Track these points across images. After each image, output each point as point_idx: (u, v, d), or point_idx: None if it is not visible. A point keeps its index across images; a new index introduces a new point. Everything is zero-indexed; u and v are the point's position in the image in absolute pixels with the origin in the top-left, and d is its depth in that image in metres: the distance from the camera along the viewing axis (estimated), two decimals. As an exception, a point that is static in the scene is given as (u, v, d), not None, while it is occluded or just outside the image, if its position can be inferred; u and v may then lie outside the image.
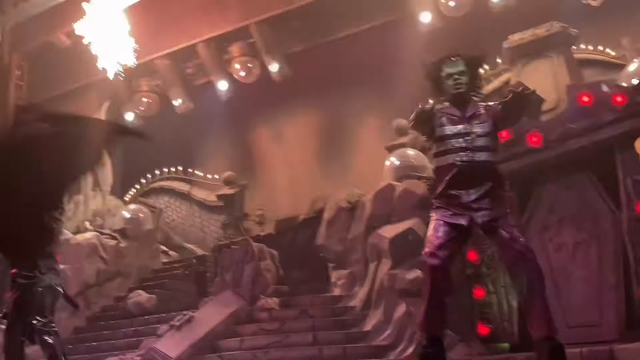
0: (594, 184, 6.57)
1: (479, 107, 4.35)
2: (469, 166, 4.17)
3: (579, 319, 6.43)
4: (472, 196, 4.16)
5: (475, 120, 4.27)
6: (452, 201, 4.21)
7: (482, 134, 4.24)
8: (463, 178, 4.19)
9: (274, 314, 9.29)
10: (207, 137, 14.78)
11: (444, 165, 4.26)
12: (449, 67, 4.33)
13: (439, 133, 4.29)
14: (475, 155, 4.20)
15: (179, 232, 14.61)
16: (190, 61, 14.25)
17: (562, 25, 8.00)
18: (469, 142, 4.21)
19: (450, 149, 4.24)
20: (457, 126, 4.26)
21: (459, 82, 4.29)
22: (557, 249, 6.68)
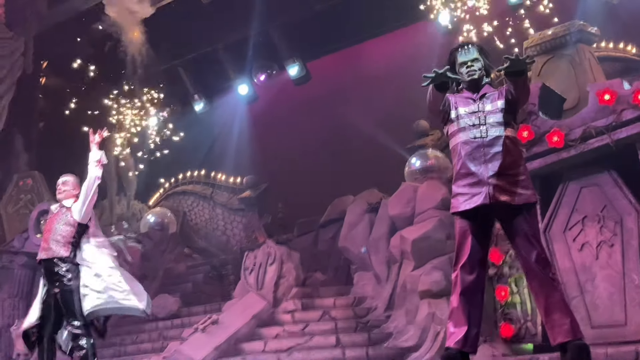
0: (616, 183, 6.51)
1: (493, 89, 4.40)
2: (483, 142, 4.20)
3: (604, 319, 6.37)
4: (489, 172, 4.14)
5: (487, 98, 4.31)
6: (469, 180, 4.19)
7: (494, 111, 4.26)
8: (479, 154, 4.19)
9: (297, 316, 9.34)
10: (229, 141, 14.90)
11: (459, 143, 4.29)
12: (462, 55, 4.41)
13: (453, 114, 4.34)
14: (489, 131, 4.21)
15: (202, 235, 14.74)
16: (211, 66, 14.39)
17: (582, 24, 7.95)
18: (482, 119, 4.25)
19: (464, 127, 4.28)
20: (470, 106, 4.31)
21: (473, 69, 4.37)
22: (581, 248, 6.63)
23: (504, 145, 4.19)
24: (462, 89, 4.44)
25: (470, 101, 4.33)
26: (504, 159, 4.16)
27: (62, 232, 5.73)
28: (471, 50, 4.41)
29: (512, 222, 4.19)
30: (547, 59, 7.90)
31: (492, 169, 4.14)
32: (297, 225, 12.89)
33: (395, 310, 8.63)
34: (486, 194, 4.12)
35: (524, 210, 4.18)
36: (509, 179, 4.15)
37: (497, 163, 4.15)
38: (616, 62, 9.64)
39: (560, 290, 4.16)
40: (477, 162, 4.18)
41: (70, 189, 5.94)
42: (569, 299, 6.53)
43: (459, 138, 4.29)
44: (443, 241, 8.22)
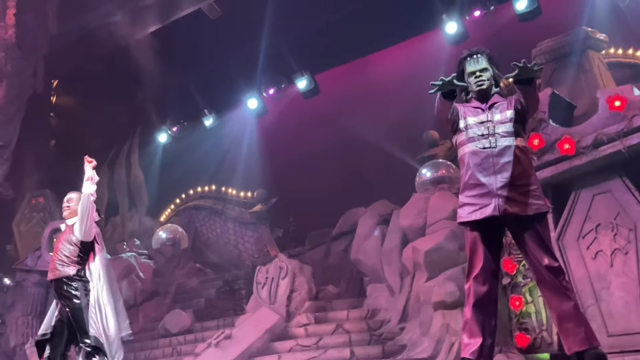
0: (629, 189, 6.46)
1: (503, 99, 4.37)
2: (492, 152, 4.15)
3: (620, 327, 6.31)
4: (498, 183, 4.10)
5: (496, 108, 4.28)
6: (478, 191, 4.16)
7: (504, 120, 4.22)
8: (488, 164, 4.15)
9: (310, 329, 9.30)
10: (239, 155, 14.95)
11: (467, 153, 4.26)
12: (471, 65, 4.38)
13: (462, 124, 4.31)
14: (499, 141, 4.17)
15: (214, 249, 14.75)
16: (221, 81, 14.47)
17: (590, 30, 7.94)
18: (490, 129, 4.21)
19: (473, 137, 4.24)
20: (478, 116, 4.28)
21: (481, 79, 4.34)
22: (595, 256, 6.57)
23: (514, 155, 4.14)
24: (470, 98, 4.41)
25: (479, 111, 4.29)
26: (513, 170, 4.11)
27: (67, 252, 5.76)
28: (480, 59, 4.37)
29: (523, 233, 4.16)
30: (555, 66, 7.88)
31: (502, 179, 4.10)
32: (309, 238, 12.87)
33: (409, 322, 8.58)
34: (495, 206, 4.08)
35: (535, 220, 4.14)
36: (519, 190, 4.11)
37: (506, 174, 4.11)
38: (626, 68, 9.59)
39: (573, 298, 4.11)
40: (486, 172, 4.14)
41: (74, 206, 5.96)
42: (584, 307, 6.47)
43: (468, 148, 4.25)
44: (456, 252, 8.17)
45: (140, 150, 15.41)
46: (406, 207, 9.53)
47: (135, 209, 14.92)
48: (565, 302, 4.05)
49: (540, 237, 4.13)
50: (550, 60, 7.93)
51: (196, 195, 15.49)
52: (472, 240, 4.19)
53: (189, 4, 12.42)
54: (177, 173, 14.90)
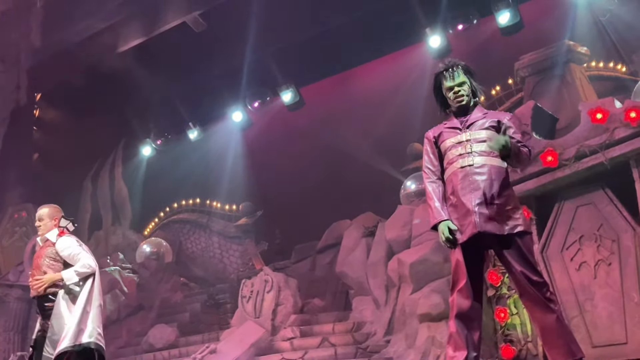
0: (612, 201, 6.52)
1: (480, 114, 4.34)
2: (469, 171, 4.15)
3: (605, 338, 6.34)
4: (476, 200, 4.09)
5: (476, 126, 4.26)
6: (460, 211, 4.16)
7: (480, 139, 4.21)
8: (466, 183, 4.15)
9: (296, 343, 9.25)
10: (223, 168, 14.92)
11: (449, 175, 4.26)
12: (448, 80, 4.34)
13: (443, 147, 4.32)
14: (475, 160, 4.17)
15: (198, 263, 14.67)
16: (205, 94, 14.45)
17: (572, 44, 8.04)
18: (467, 148, 4.20)
19: (452, 158, 4.25)
20: (457, 136, 4.27)
21: (460, 94, 4.32)
22: (579, 267, 6.61)
23: (490, 174, 4.15)
24: (450, 112, 4.41)
25: (457, 132, 4.29)
26: (490, 188, 4.12)
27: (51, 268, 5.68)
28: (456, 73, 4.33)
29: (504, 250, 4.15)
30: (538, 79, 7.98)
31: (478, 197, 4.10)
32: (294, 252, 12.84)
33: (395, 334, 8.57)
34: (474, 223, 4.08)
35: (515, 237, 4.12)
36: (496, 209, 4.11)
37: (483, 192, 4.11)
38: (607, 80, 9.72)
39: (557, 311, 4.10)
40: (465, 191, 4.15)
41: (46, 222, 5.88)
42: (569, 318, 6.50)
43: (449, 170, 4.26)
44: (441, 264, 8.19)
45: (124, 164, 15.33)
46: (391, 220, 9.55)
47: (119, 222, 14.80)
48: (549, 315, 4.05)
49: (521, 253, 4.12)
50: (533, 73, 8.03)
51: (180, 209, 15.41)
52: (456, 257, 4.19)
53: (174, 16, 12.41)
54: (161, 186, 14.82)
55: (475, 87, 4.37)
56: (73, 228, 5.97)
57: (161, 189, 14.89)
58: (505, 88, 10.99)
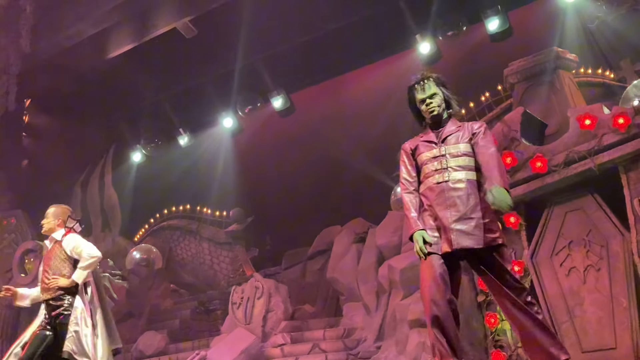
0: (601, 206, 6.56)
1: (454, 127, 4.38)
2: (445, 187, 4.19)
3: (594, 343, 6.36)
4: (452, 217, 4.14)
5: (450, 141, 4.31)
6: (435, 225, 4.21)
7: (456, 154, 4.27)
8: (442, 199, 4.19)
9: (286, 349, 9.23)
10: (214, 174, 14.89)
11: (425, 190, 4.31)
12: (420, 92, 4.42)
13: (420, 161, 4.39)
14: (451, 175, 4.22)
15: (188, 270, 14.62)
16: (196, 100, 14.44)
17: (561, 51, 8.10)
18: (443, 164, 4.25)
19: (428, 173, 4.30)
20: (432, 150, 4.33)
21: (432, 106, 4.37)
22: (568, 273, 6.64)
23: (466, 188, 4.20)
24: (426, 125, 4.48)
25: (432, 145, 4.36)
26: (467, 203, 4.17)
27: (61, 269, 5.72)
28: (428, 85, 4.40)
29: (479, 263, 4.21)
30: (527, 86, 8.02)
31: (455, 213, 4.15)
32: (285, 258, 12.83)
33: (386, 340, 8.56)
34: (450, 241, 4.12)
35: (490, 250, 4.17)
36: (474, 223, 4.14)
37: (459, 207, 4.16)
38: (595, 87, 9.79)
39: (538, 314, 4.11)
40: (441, 207, 4.19)
41: (50, 220, 5.95)
42: (558, 324, 6.53)
43: (426, 185, 4.32)
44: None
45: (114, 170, 15.26)
46: (382, 225, 9.56)
47: (108, 229, 14.73)
48: (529, 319, 4.07)
49: (498, 262, 4.16)
50: (522, 79, 8.07)
51: (170, 215, 15.36)
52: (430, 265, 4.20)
53: (164, 22, 12.38)
54: (151, 192, 14.77)
55: (448, 98, 4.42)
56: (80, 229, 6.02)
57: (151, 195, 14.85)
58: (495, 94, 11.03)
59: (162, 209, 15.39)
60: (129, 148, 15.29)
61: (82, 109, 14.13)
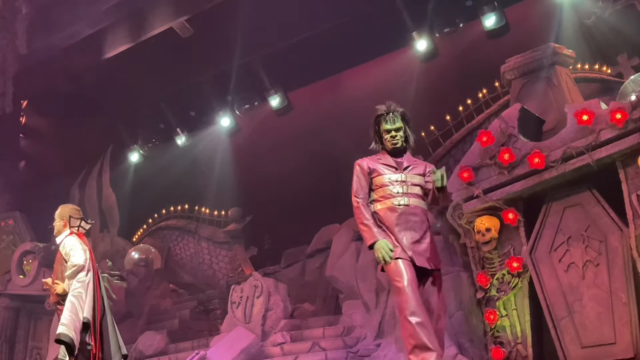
0: (599, 202, 6.57)
1: (413, 160, 4.90)
2: (406, 210, 4.63)
3: (593, 338, 6.37)
4: (411, 239, 4.58)
5: (411, 171, 4.79)
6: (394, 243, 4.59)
7: (415, 184, 4.75)
8: (402, 221, 4.62)
9: (286, 348, 9.23)
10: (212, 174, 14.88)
11: (384, 209, 4.69)
12: (387, 123, 4.86)
13: (378, 181, 4.77)
14: (411, 201, 4.67)
15: (187, 270, 14.61)
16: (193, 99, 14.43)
17: (558, 47, 8.09)
18: (404, 189, 4.69)
19: (389, 194, 4.69)
20: (395, 175, 4.75)
21: (396, 138, 4.82)
22: (567, 269, 6.64)
23: (421, 215, 4.70)
24: (382, 150, 4.91)
25: (393, 169, 4.78)
26: (421, 228, 4.66)
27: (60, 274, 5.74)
28: (396, 118, 4.84)
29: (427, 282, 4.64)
30: (524, 82, 8.02)
31: (413, 235, 4.60)
32: (284, 256, 12.82)
33: (385, 338, 8.56)
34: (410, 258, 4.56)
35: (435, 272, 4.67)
36: (425, 246, 4.65)
37: (416, 231, 4.62)
38: (593, 82, 9.79)
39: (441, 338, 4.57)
40: (400, 227, 4.61)
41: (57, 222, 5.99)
42: (558, 319, 6.54)
43: (385, 204, 4.70)
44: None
45: (112, 170, 15.24)
46: (380, 223, 9.55)
47: (107, 229, 14.71)
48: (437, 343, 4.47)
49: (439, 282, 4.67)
50: (519, 76, 8.07)
51: (169, 215, 15.34)
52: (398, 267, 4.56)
53: (160, 22, 12.37)
54: (149, 192, 14.75)
55: (408, 134, 4.90)
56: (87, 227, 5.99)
57: (149, 196, 14.82)
58: (492, 91, 11.04)
59: (161, 209, 15.37)
60: (126, 148, 15.27)
61: (79, 109, 14.10)
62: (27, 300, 11.95)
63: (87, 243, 5.92)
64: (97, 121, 14.57)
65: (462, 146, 11.25)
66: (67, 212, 6.04)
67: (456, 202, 7.28)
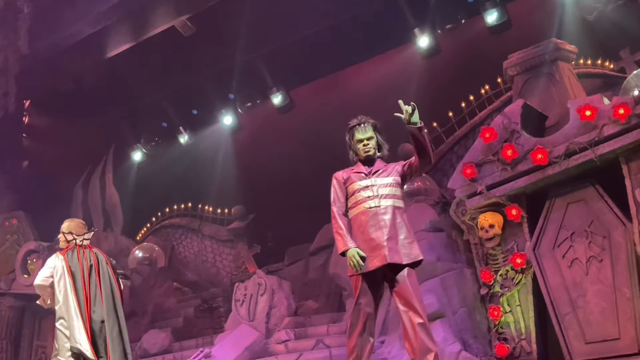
0: (602, 197, 6.56)
1: (384, 165, 5.13)
2: (377, 211, 4.90)
3: (597, 334, 6.37)
4: (385, 236, 4.83)
5: (380, 174, 5.04)
6: (369, 244, 4.85)
7: (385, 184, 4.99)
8: (374, 222, 4.89)
9: (290, 345, 9.24)
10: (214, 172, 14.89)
11: (357, 214, 4.99)
12: (359, 133, 5.17)
13: (351, 189, 5.07)
14: (381, 201, 4.93)
15: (191, 268, 14.63)
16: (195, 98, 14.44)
17: (560, 42, 8.08)
18: (374, 192, 4.97)
19: (360, 199, 4.99)
20: (364, 180, 5.03)
21: (368, 147, 5.12)
22: (571, 265, 6.64)
23: (393, 213, 4.93)
24: (357, 160, 5.18)
25: (362, 176, 5.07)
26: (394, 225, 4.90)
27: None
28: (367, 128, 5.16)
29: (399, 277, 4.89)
30: (527, 78, 8.01)
31: (386, 233, 4.86)
32: (287, 254, 12.82)
33: (389, 335, 8.55)
34: (384, 256, 4.80)
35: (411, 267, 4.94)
36: (400, 242, 4.89)
37: (389, 229, 4.87)
38: (595, 78, 9.77)
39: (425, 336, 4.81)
40: (374, 228, 4.88)
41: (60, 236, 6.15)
42: (561, 315, 6.53)
43: (358, 209, 5.00)
44: (433, 263, 8.18)
45: (115, 169, 15.28)
46: (383, 220, 9.54)
47: (110, 228, 14.74)
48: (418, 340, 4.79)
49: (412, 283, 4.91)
50: (521, 71, 8.06)
51: (172, 214, 15.37)
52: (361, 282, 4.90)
53: (162, 21, 12.38)
54: (153, 191, 14.78)
55: (380, 142, 5.20)
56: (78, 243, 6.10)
57: (152, 194, 14.86)
58: (494, 87, 11.03)
59: (164, 208, 15.40)
60: (129, 147, 15.31)
61: (81, 108, 14.13)
62: (31, 300, 11.90)
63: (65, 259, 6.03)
64: (100, 120, 14.61)
65: (465, 142, 11.25)
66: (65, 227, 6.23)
67: (459, 198, 7.27)
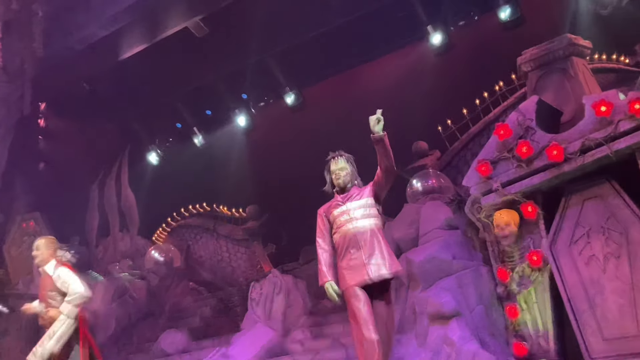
0: (619, 193, 6.50)
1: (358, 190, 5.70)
2: (355, 232, 5.41)
3: (615, 331, 6.32)
4: (366, 254, 5.33)
5: (354, 199, 5.59)
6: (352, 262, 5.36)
7: (360, 207, 5.53)
8: (354, 242, 5.41)
9: (307, 345, 9.25)
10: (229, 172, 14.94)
11: (338, 239, 5.52)
12: (333, 165, 5.81)
13: (332, 218, 5.61)
14: (358, 223, 5.46)
15: (207, 267, 14.69)
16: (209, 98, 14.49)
17: (574, 37, 8.01)
18: (350, 215, 5.50)
19: (339, 224, 5.54)
20: (341, 208, 5.59)
21: (339, 176, 5.73)
22: (587, 262, 6.59)
23: (371, 231, 5.45)
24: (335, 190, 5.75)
25: (339, 204, 5.62)
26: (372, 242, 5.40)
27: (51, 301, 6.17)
28: (339, 160, 5.82)
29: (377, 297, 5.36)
30: (541, 74, 7.95)
31: (367, 252, 5.36)
32: (302, 253, 12.84)
33: (405, 333, 8.54)
34: (368, 274, 5.31)
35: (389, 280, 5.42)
36: (380, 256, 5.38)
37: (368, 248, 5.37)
38: (610, 73, 9.69)
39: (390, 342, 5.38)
40: (354, 249, 5.40)
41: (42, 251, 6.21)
42: (579, 313, 6.49)
43: (340, 233, 5.52)
44: (449, 261, 8.17)
45: (130, 170, 15.38)
46: (398, 218, 9.53)
47: (126, 229, 14.85)
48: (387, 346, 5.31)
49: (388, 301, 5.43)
50: (535, 67, 8.00)
51: (188, 214, 15.44)
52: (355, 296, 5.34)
53: (175, 22, 12.44)
54: (168, 192, 14.86)
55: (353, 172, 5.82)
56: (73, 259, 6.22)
57: (167, 195, 14.93)
58: (509, 83, 10.98)
59: (179, 208, 15.48)
60: (144, 148, 15.40)
61: (96, 110, 14.24)
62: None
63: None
64: (115, 122, 14.69)
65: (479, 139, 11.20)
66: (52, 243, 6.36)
67: (474, 196, 7.24)
